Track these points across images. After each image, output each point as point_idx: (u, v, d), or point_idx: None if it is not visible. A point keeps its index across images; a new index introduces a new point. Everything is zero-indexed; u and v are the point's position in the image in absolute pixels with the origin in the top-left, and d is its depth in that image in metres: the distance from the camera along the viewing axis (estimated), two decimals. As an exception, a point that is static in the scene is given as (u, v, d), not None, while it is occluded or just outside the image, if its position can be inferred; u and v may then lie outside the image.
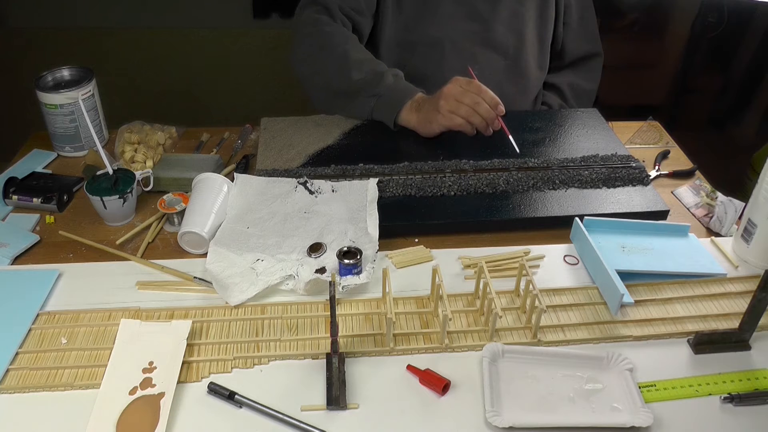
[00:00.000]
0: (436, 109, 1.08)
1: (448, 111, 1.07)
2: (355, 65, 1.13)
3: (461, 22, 1.25)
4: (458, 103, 1.07)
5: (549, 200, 1.00)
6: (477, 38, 1.26)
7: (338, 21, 1.20)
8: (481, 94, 1.07)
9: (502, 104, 1.08)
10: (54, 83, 1.13)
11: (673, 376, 0.75)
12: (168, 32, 2.35)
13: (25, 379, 0.72)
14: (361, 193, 0.98)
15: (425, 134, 1.12)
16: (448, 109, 1.07)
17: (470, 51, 1.26)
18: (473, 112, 1.07)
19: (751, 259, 0.91)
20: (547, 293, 0.85)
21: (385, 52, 1.28)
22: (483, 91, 1.07)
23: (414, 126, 1.12)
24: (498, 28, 1.26)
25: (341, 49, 1.15)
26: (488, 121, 1.08)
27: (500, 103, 1.08)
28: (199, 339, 0.78)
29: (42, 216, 0.99)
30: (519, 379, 0.74)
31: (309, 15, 1.21)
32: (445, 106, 1.07)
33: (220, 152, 1.16)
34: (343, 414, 0.70)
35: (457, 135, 1.14)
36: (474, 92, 1.07)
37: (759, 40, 2.19)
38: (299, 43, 1.21)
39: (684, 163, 1.16)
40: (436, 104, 1.08)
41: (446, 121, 1.08)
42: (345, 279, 0.84)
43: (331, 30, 1.18)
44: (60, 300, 0.83)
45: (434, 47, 1.26)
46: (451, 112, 1.07)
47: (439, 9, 1.23)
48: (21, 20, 2.32)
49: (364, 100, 1.13)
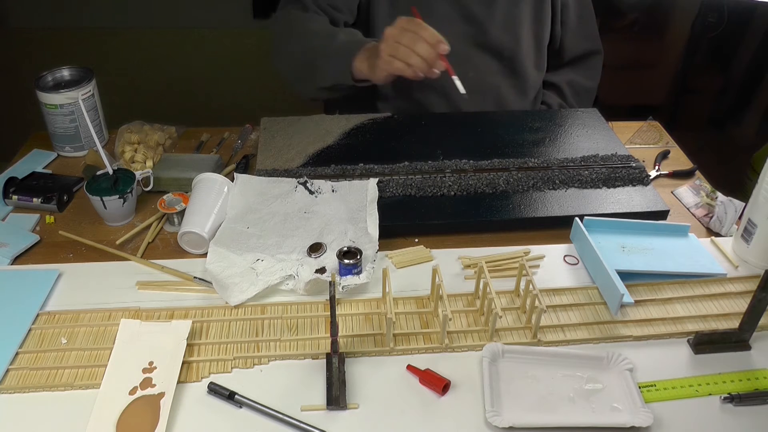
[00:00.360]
0: (378, 53, 1.02)
1: (387, 54, 1.00)
2: (313, 35, 1.13)
3: (456, 24, 1.23)
4: (396, 44, 0.99)
5: (549, 200, 1.00)
6: (472, 40, 1.25)
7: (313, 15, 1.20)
8: (420, 32, 0.98)
9: (445, 42, 0.99)
10: (54, 83, 1.13)
11: (673, 376, 0.75)
12: (168, 32, 2.35)
13: (25, 379, 0.72)
14: (361, 193, 0.98)
15: (377, 82, 1.08)
16: (387, 53, 1.00)
17: (466, 54, 1.25)
18: (411, 52, 0.98)
19: (751, 259, 0.91)
20: (547, 293, 0.85)
21: None
22: (422, 28, 0.98)
23: (367, 75, 1.08)
24: (493, 30, 1.24)
25: (303, 26, 1.16)
26: (429, 61, 0.99)
27: (442, 40, 0.99)
28: (199, 339, 0.78)
29: (42, 216, 0.99)
30: (519, 379, 0.74)
31: (284, 14, 1.22)
32: (385, 49, 1.00)
33: (220, 152, 1.16)
34: (343, 414, 0.70)
35: (457, 135, 1.15)
36: (412, 31, 0.98)
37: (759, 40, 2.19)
38: (275, 41, 1.21)
39: (684, 163, 1.16)
40: (378, 48, 1.03)
41: (386, 65, 1.01)
42: (345, 279, 0.84)
43: (297, 16, 1.18)
44: (60, 300, 0.83)
45: None
46: (390, 55, 1.00)
47: (433, 11, 1.21)
48: (21, 20, 2.32)
49: (323, 65, 1.11)
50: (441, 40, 0.99)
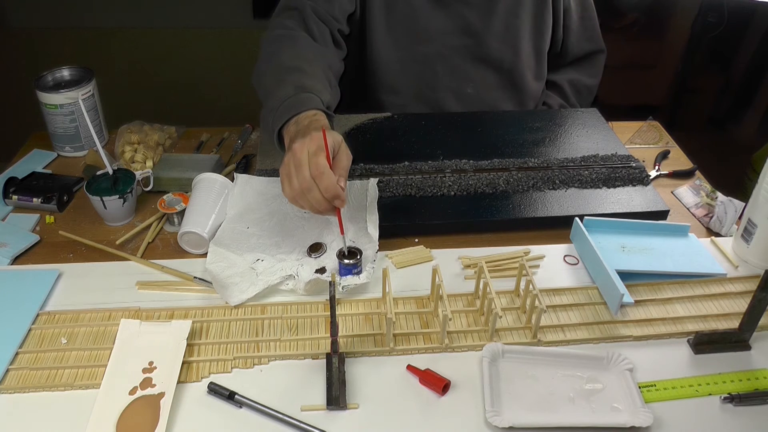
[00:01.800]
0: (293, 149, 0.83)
1: (283, 174, 0.83)
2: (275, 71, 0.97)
3: (454, 37, 1.20)
4: (289, 177, 0.82)
5: (549, 200, 1.00)
6: (470, 53, 1.22)
7: (311, 25, 1.08)
8: (317, 179, 0.80)
9: (342, 197, 0.82)
10: (54, 83, 1.13)
11: (673, 376, 0.75)
12: (168, 32, 2.35)
13: (25, 379, 0.72)
14: (361, 193, 0.98)
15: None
16: (283, 173, 0.83)
17: (463, 67, 1.22)
18: (302, 194, 0.81)
19: (751, 259, 0.91)
20: (547, 293, 0.85)
21: (377, 71, 1.22)
22: (321, 175, 0.79)
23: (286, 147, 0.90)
24: (492, 42, 1.21)
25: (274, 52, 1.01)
26: (319, 211, 0.83)
27: (339, 196, 0.81)
28: (199, 339, 0.78)
29: (42, 216, 0.99)
30: (519, 379, 0.74)
31: (279, 22, 1.10)
32: (282, 169, 0.84)
33: (220, 152, 1.16)
34: (343, 414, 0.70)
35: (457, 135, 1.15)
36: (308, 174, 0.80)
37: (759, 40, 2.19)
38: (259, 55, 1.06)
39: (684, 163, 1.16)
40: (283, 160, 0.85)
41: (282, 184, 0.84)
42: (345, 279, 0.84)
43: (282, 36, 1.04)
44: (60, 300, 0.83)
45: (426, 65, 1.21)
46: (283, 179, 0.83)
47: (430, 24, 1.18)
48: (21, 20, 2.32)
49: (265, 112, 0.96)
50: (338, 195, 0.81)
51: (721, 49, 2.28)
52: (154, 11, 2.32)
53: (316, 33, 1.09)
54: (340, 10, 1.13)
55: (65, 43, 2.30)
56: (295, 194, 0.82)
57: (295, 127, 0.88)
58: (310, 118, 0.89)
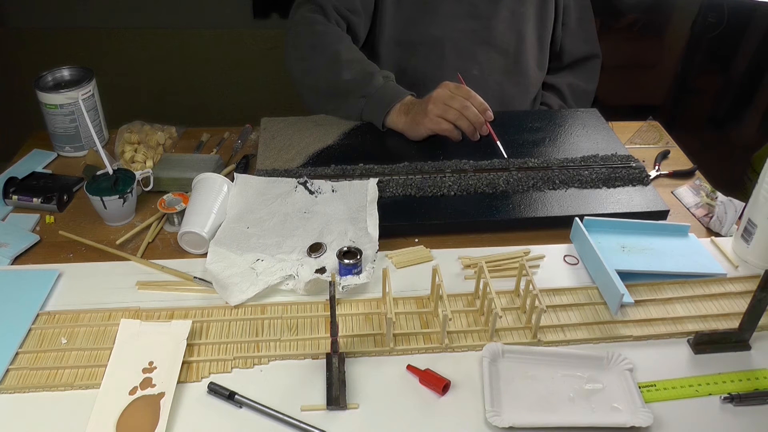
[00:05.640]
0: (424, 112, 1.08)
1: (435, 115, 1.07)
2: (346, 65, 1.13)
3: (462, 21, 1.25)
4: (446, 107, 1.07)
5: (549, 200, 1.00)
6: (477, 37, 1.26)
7: (332, 21, 1.20)
8: (470, 99, 1.07)
9: (490, 110, 1.09)
10: (54, 83, 1.13)
11: (673, 376, 0.75)
12: (168, 32, 2.35)
13: (25, 379, 0.72)
14: (361, 193, 0.98)
15: (412, 137, 1.11)
16: (436, 113, 1.07)
17: (470, 50, 1.27)
18: (461, 116, 1.07)
19: (751, 259, 0.91)
20: (547, 293, 0.85)
21: (384, 52, 1.28)
22: (472, 96, 1.08)
23: (402, 129, 1.12)
24: (498, 26, 1.26)
25: (333, 48, 1.15)
26: (476, 125, 1.08)
27: (488, 108, 1.09)
28: (199, 339, 0.78)
29: (42, 216, 0.99)
30: (519, 379, 0.74)
31: (303, 14, 1.21)
32: (433, 110, 1.07)
33: (220, 152, 1.16)
34: (343, 414, 0.70)
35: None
36: (463, 96, 1.07)
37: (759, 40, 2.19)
38: (292, 42, 1.20)
39: (684, 163, 1.16)
40: (424, 108, 1.08)
41: (433, 125, 1.08)
42: (345, 279, 0.84)
43: (324, 29, 1.17)
44: (60, 300, 0.83)
45: (434, 47, 1.26)
46: (438, 116, 1.07)
47: (439, 8, 1.23)
48: (21, 20, 2.32)
49: (353, 101, 1.13)
50: (488, 108, 1.08)
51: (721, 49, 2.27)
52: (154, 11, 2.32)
53: (340, 25, 1.21)
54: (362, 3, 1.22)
55: (65, 43, 2.30)
56: (456, 116, 1.06)
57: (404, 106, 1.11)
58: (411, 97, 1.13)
